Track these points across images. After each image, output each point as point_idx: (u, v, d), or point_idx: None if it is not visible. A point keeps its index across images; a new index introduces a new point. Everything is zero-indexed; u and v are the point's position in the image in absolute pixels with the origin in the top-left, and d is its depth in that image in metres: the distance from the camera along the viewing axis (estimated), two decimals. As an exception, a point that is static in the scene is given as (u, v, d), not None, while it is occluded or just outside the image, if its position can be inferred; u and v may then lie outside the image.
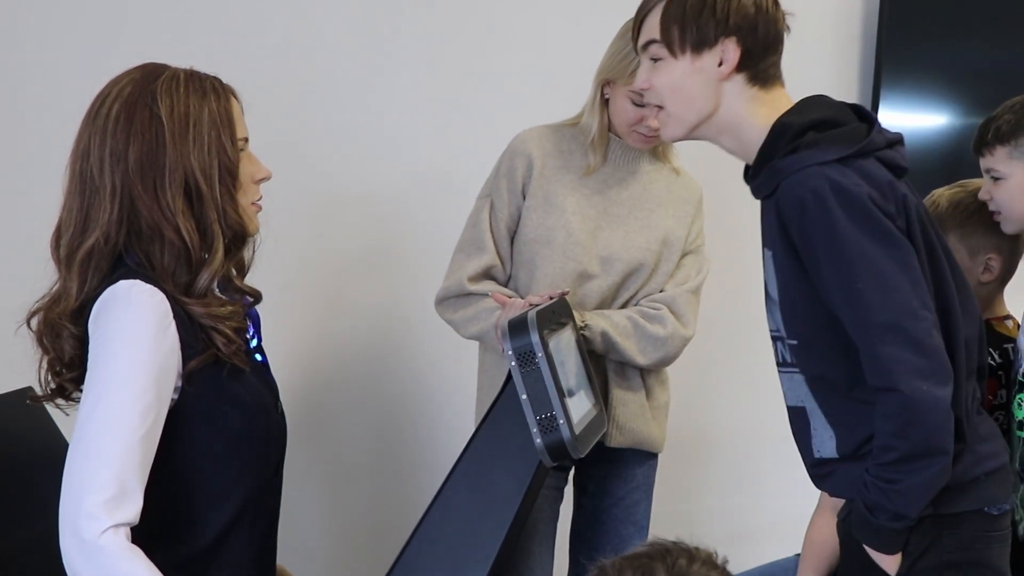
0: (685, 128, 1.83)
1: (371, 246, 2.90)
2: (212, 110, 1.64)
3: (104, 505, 1.47)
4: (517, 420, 1.95)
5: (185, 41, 2.57)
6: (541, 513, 2.39)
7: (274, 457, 1.78)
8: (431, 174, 2.92)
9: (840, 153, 1.70)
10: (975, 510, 1.79)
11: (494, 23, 2.96)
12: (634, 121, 2.29)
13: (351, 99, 2.84)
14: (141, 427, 1.52)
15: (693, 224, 2.44)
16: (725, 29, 1.75)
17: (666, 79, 1.81)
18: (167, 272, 1.62)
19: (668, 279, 2.41)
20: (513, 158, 2.37)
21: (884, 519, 1.75)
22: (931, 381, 1.66)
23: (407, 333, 2.94)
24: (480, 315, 2.32)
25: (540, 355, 1.92)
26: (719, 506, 3.41)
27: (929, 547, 1.78)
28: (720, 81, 1.78)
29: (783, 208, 1.71)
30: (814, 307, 1.75)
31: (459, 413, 2.60)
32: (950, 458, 1.70)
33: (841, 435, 1.81)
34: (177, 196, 1.61)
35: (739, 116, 1.79)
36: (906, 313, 1.67)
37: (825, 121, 1.74)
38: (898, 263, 1.68)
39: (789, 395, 1.89)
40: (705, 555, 1.26)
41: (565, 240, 2.32)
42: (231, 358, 1.66)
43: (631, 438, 2.42)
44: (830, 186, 1.66)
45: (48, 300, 1.66)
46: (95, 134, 1.61)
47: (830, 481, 1.87)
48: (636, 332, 2.33)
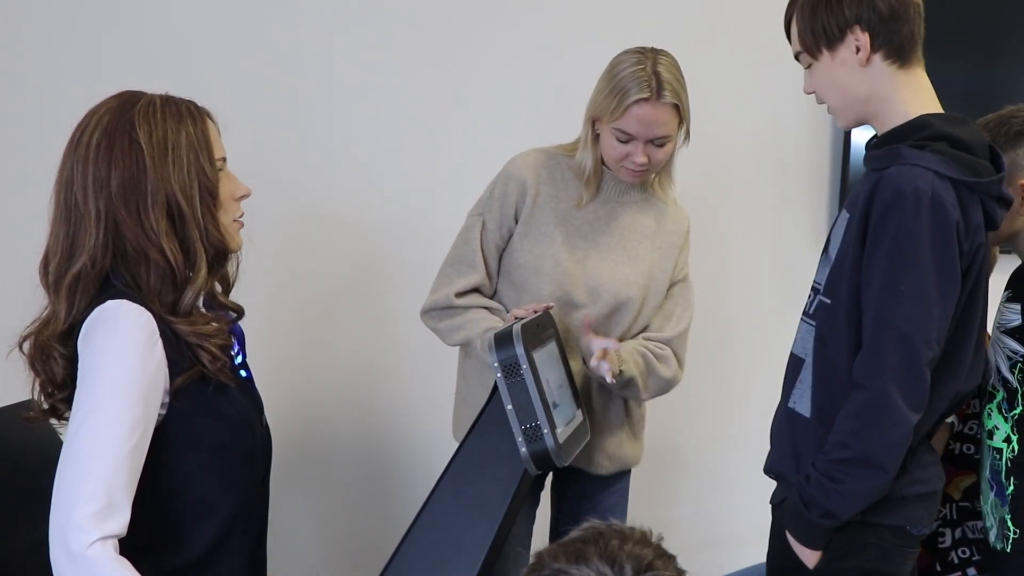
0: (848, 117, 1.95)
1: (355, 262, 2.93)
2: (189, 133, 1.68)
3: (92, 518, 1.51)
4: (503, 430, 2.00)
5: (171, 61, 2.62)
6: (519, 516, 2.41)
7: (260, 469, 1.81)
8: (415, 191, 2.96)
9: (957, 175, 1.76)
10: (899, 526, 1.87)
11: (481, 46, 3.00)
12: (621, 157, 2.32)
13: (340, 117, 2.87)
14: (129, 442, 1.56)
15: (680, 255, 2.48)
16: (846, 20, 1.85)
17: (818, 79, 1.93)
18: (153, 292, 1.66)
19: (657, 311, 2.45)
20: (508, 182, 2.40)
21: (816, 514, 1.82)
22: (907, 402, 1.73)
23: (391, 346, 2.97)
24: (466, 325, 2.36)
25: (525, 367, 1.98)
26: (692, 513, 3.44)
27: (850, 551, 1.86)
28: (863, 68, 1.87)
29: (882, 187, 1.77)
30: (856, 284, 1.81)
31: (443, 424, 2.61)
32: (889, 478, 1.78)
33: (817, 399, 1.88)
34: (160, 218, 1.65)
35: (888, 99, 1.88)
36: (923, 335, 1.74)
37: (963, 142, 1.80)
38: (943, 293, 1.75)
39: (797, 343, 1.97)
40: (639, 535, 1.28)
41: (553, 269, 2.36)
42: (216, 374, 1.70)
43: (618, 464, 2.49)
44: (932, 194, 1.73)
45: (38, 324, 1.70)
46: (77, 162, 1.65)
47: (779, 444, 1.97)
48: (648, 369, 2.37)
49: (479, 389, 2.37)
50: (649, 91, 2.23)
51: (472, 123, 2.99)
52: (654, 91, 2.23)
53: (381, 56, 2.90)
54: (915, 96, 1.87)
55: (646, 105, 2.24)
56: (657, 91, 2.24)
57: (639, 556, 1.24)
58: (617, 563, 1.23)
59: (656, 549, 1.27)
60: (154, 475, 1.64)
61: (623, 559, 1.23)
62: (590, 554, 1.23)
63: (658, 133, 2.27)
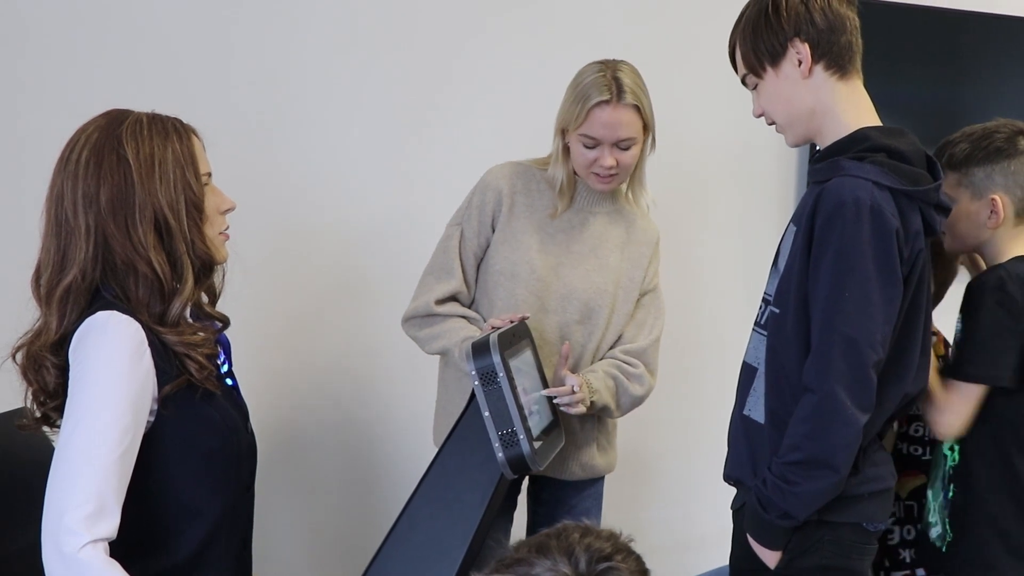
0: (795, 133, 1.99)
1: (337, 273, 2.97)
2: (175, 150, 1.72)
3: (84, 521, 1.55)
4: (480, 436, 2.05)
5: (158, 80, 2.65)
6: (496, 519, 2.45)
7: (245, 474, 1.86)
8: (396, 203, 3.00)
9: (895, 184, 1.81)
10: (855, 523, 1.92)
11: (460, 61, 3.05)
12: (589, 163, 2.39)
13: (321, 131, 2.91)
14: (118, 448, 1.61)
15: (650, 266, 2.55)
16: (786, 34, 1.91)
17: (765, 98, 1.98)
18: (142, 303, 1.70)
19: (628, 319, 2.51)
20: (485, 192, 2.47)
21: (773, 516, 1.86)
22: (855, 403, 1.78)
23: (372, 355, 3.00)
24: (445, 334, 2.41)
25: (502, 375, 2.04)
26: (663, 516, 3.48)
27: (809, 549, 1.90)
28: (805, 79, 1.92)
29: (824, 198, 1.82)
30: (803, 293, 1.86)
31: (423, 430, 2.63)
32: (841, 478, 1.82)
33: (770, 405, 1.92)
34: (148, 232, 1.69)
35: (829, 110, 1.93)
36: (868, 339, 1.78)
37: (900, 153, 1.85)
38: (886, 298, 1.80)
39: (750, 352, 2.01)
40: (606, 533, 1.32)
41: (528, 275, 2.43)
42: (203, 383, 1.74)
43: (591, 472, 2.55)
44: (871, 203, 1.78)
45: (31, 335, 1.74)
46: (67, 179, 1.69)
47: (736, 450, 2.01)
48: (619, 391, 2.43)
49: (458, 397, 2.42)
50: (609, 94, 2.32)
51: (452, 135, 3.04)
52: (614, 94, 2.32)
53: (362, 71, 2.94)
54: (855, 108, 1.92)
55: (607, 107, 2.33)
56: (617, 93, 2.33)
57: (597, 549, 1.28)
58: (574, 556, 1.27)
59: (617, 545, 1.31)
60: (143, 479, 1.67)
61: (579, 551, 1.27)
62: (551, 547, 1.28)
63: (622, 135, 2.35)
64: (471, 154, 2.68)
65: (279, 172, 2.85)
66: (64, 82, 2.57)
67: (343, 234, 2.95)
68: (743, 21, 1.98)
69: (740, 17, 1.99)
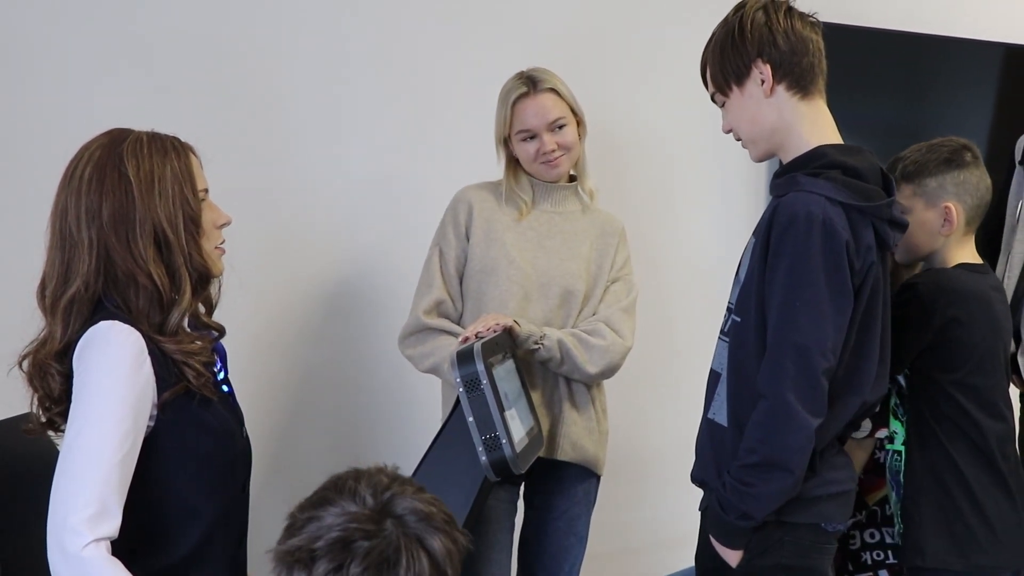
0: (759, 149, 2.06)
1: (330, 284, 3.00)
2: (174, 167, 1.78)
3: (86, 522, 1.60)
4: (464, 440, 2.12)
5: (161, 94, 2.68)
6: (499, 523, 2.55)
7: (241, 477, 1.91)
8: (390, 215, 3.04)
9: (848, 199, 1.88)
10: (813, 524, 1.97)
11: (453, 74, 3.10)
12: (534, 154, 2.55)
13: (315, 146, 2.93)
14: (119, 452, 1.66)
15: (617, 254, 2.65)
16: (749, 56, 1.98)
17: (732, 115, 2.06)
18: (142, 314, 1.76)
19: (599, 304, 2.61)
20: (456, 207, 2.61)
21: (733, 517, 1.92)
22: (806, 408, 1.84)
23: (364, 363, 3.03)
24: (435, 352, 2.49)
25: (485, 382, 2.10)
26: (651, 516, 3.53)
27: (769, 548, 1.96)
28: (768, 98, 1.99)
29: (779, 212, 1.89)
30: (762, 302, 1.92)
31: (412, 436, 2.69)
32: (796, 479, 1.87)
33: (733, 409, 1.98)
34: (148, 245, 1.75)
35: (791, 128, 2.00)
36: (818, 347, 1.84)
37: (855, 170, 1.92)
38: (836, 307, 1.86)
39: (715, 359, 2.07)
40: (373, 468, 1.44)
41: (507, 267, 2.53)
42: (200, 389, 1.79)
43: (580, 454, 2.59)
44: (823, 218, 1.84)
45: (36, 344, 1.79)
46: (71, 195, 1.75)
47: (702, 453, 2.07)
48: (581, 344, 2.51)
49: None
50: (525, 87, 2.53)
51: (447, 147, 3.09)
52: (530, 86, 2.52)
53: (356, 84, 2.97)
54: (815, 126, 1.99)
55: (527, 99, 2.52)
56: (533, 85, 2.52)
57: (376, 482, 1.38)
58: (358, 495, 1.36)
59: (391, 475, 1.41)
60: (143, 482, 1.72)
61: (362, 489, 1.37)
62: (331, 498, 1.37)
63: (551, 117, 2.53)
64: (465, 166, 2.74)
65: (273, 187, 2.88)
66: (66, 105, 2.59)
67: (336, 245, 2.99)
68: (712, 42, 2.05)
69: (710, 38, 2.07)
